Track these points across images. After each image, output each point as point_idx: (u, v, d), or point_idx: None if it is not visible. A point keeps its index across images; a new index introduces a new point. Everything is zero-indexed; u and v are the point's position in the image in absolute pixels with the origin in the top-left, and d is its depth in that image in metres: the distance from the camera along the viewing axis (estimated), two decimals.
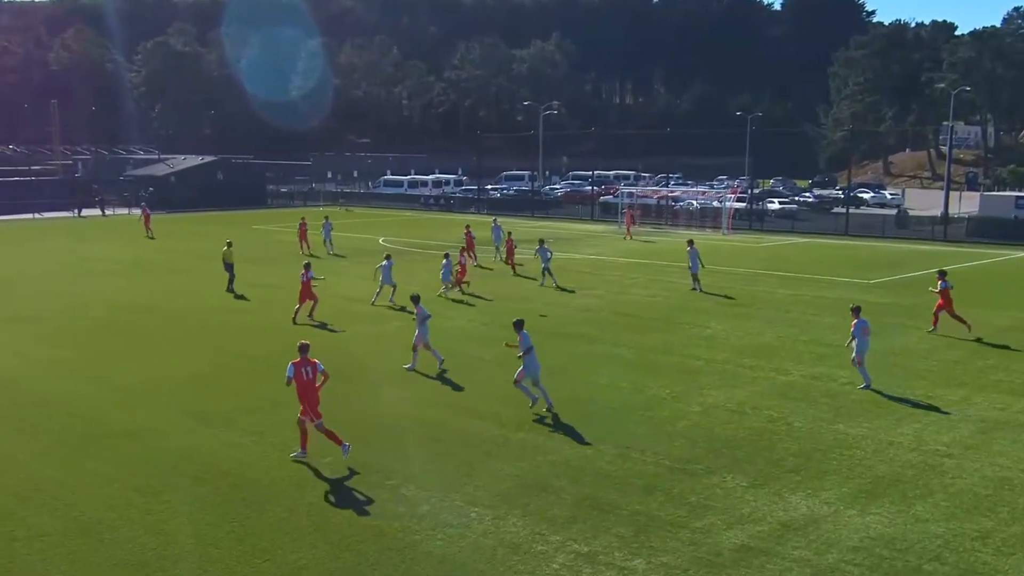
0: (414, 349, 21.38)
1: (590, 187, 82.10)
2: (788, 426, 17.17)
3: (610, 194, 78.91)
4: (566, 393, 18.91)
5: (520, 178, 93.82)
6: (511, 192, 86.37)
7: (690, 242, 33.86)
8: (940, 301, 25.04)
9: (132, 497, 13.71)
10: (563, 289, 33.32)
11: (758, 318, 28.00)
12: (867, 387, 19.58)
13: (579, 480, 14.44)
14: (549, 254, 34.63)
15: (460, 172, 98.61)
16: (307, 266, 28.00)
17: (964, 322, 24.78)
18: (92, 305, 30.23)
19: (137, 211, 71.33)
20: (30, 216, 66.54)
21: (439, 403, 18.72)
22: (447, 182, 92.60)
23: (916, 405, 18.48)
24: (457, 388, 19.86)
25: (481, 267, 38.49)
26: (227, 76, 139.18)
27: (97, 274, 37.71)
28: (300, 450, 15.39)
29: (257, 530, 12.58)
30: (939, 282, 25.19)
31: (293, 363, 15.27)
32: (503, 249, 40.09)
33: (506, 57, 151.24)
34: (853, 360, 19.96)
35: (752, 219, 62.27)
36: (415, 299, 21.77)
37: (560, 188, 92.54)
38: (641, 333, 25.73)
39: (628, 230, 54.21)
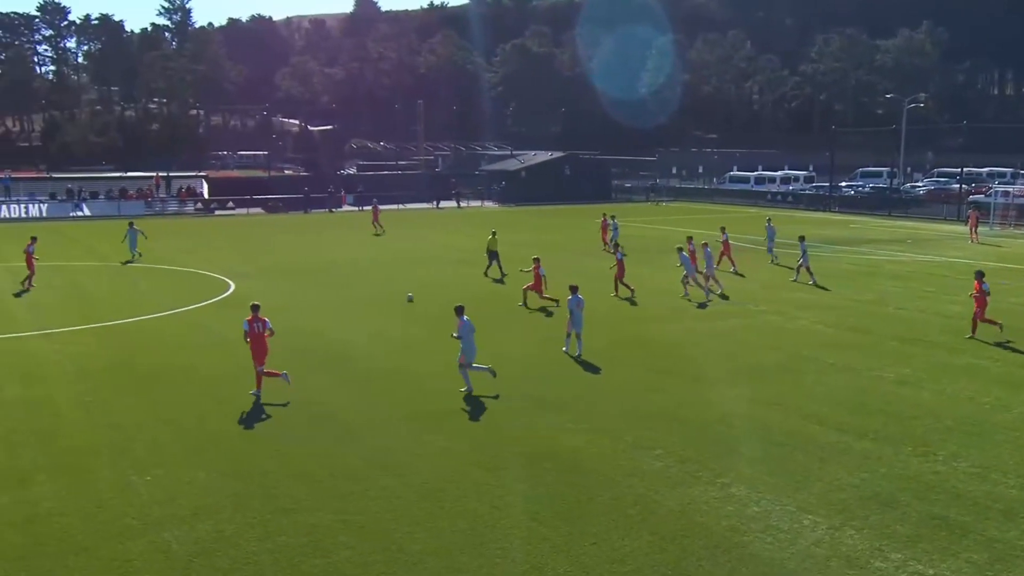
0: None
1: (957, 185, 75.60)
2: None
3: (980, 193, 72.16)
4: (912, 405, 17.55)
5: (878, 175, 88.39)
6: (866, 190, 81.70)
7: None
8: (976, 304, 23.62)
9: (471, 471, 14.55)
10: (820, 287, 31.90)
11: None
12: None
13: (926, 497, 13.34)
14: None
15: (811, 169, 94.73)
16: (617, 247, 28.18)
17: (996, 323, 23.41)
18: (445, 288, 32.45)
19: (490, 204, 76.08)
20: (395, 207, 72.79)
21: (777, 404, 18.10)
22: (796, 179, 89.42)
23: None
24: (799, 390, 19.10)
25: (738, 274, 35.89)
26: (578, 75, 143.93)
27: (450, 262, 40.37)
28: (256, 389, 18.37)
29: (585, 514, 12.86)
30: (977, 284, 23.59)
31: (247, 320, 18.60)
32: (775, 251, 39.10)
33: (868, 48, 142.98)
34: None
35: None
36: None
37: (923, 186, 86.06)
38: (1009, 345, 23.28)
39: (973, 232, 48.84)
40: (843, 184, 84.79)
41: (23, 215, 65.63)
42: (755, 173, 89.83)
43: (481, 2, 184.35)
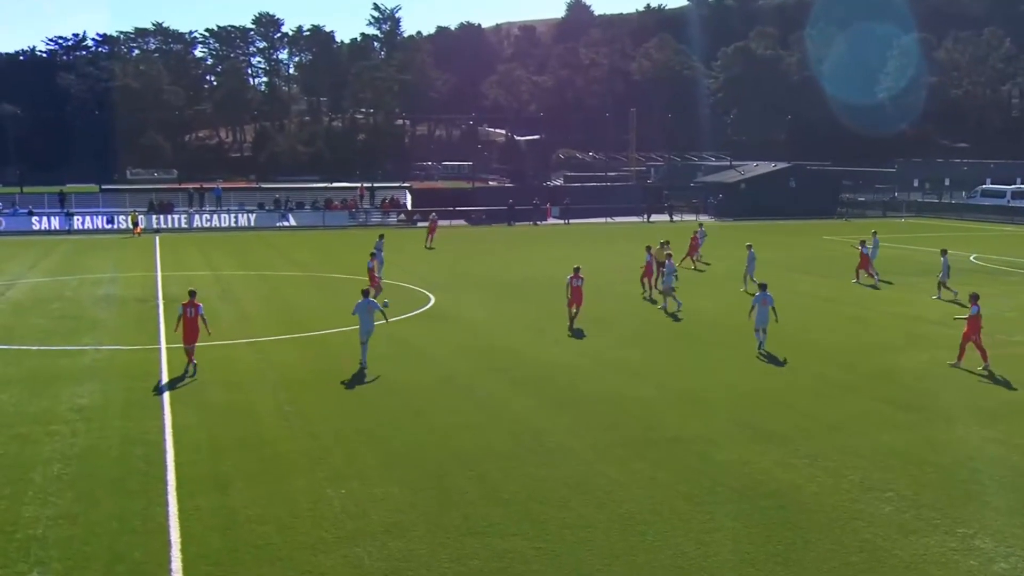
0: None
1: None
2: None
3: None
4: None
5: None
6: None
7: None
8: (967, 328, 23.01)
9: (677, 503, 14.36)
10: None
11: None
12: None
13: None
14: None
15: None
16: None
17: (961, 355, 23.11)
18: (648, 308, 32.25)
19: (706, 217, 75.03)
20: (603, 220, 73.02)
21: None
22: None
23: None
24: None
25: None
26: (807, 79, 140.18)
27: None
28: (189, 361, 22.44)
29: (801, 558, 12.42)
30: (971, 307, 23.14)
31: (182, 304, 22.81)
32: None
33: None
34: None
35: None
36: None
37: None
38: None
39: None
40: None
41: (233, 224, 70.39)
42: (1012, 187, 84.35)
43: (702, 3, 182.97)
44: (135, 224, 64.22)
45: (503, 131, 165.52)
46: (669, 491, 14.87)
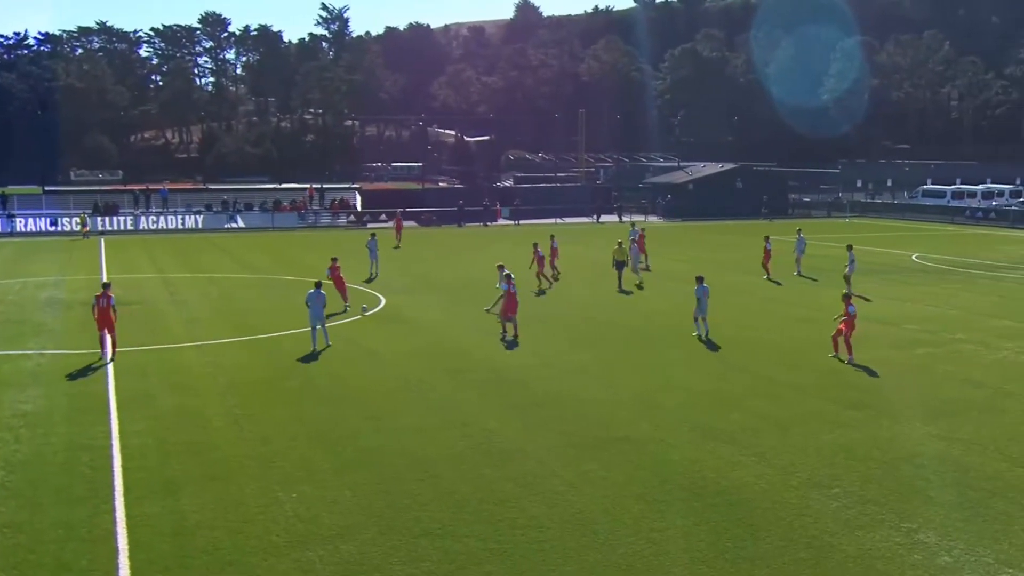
0: None
1: None
2: None
3: None
4: None
5: None
6: None
7: None
8: (842, 326, 23.85)
9: (628, 503, 14.43)
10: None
11: None
12: None
13: None
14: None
15: (1018, 182, 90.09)
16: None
17: (848, 352, 23.75)
18: (613, 310, 32.43)
19: (655, 218, 75.55)
20: (553, 221, 73.21)
21: (976, 444, 17.20)
22: (1000, 193, 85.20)
23: None
24: (1001, 430, 18.09)
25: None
26: (752, 81, 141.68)
27: (613, 278, 40.18)
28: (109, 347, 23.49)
29: (752, 555, 12.54)
30: (848, 307, 23.89)
31: (96, 295, 23.83)
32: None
33: None
34: None
35: None
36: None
37: None
38: None
39: None
40: None
41: (180, 226, 69.55)
42: (952, 187, 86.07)
43: (649, 5, 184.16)
44: (83, 225, 63.24)
45: (453, 132, 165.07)
46: (621, 491, 14.94)
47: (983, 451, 16.82)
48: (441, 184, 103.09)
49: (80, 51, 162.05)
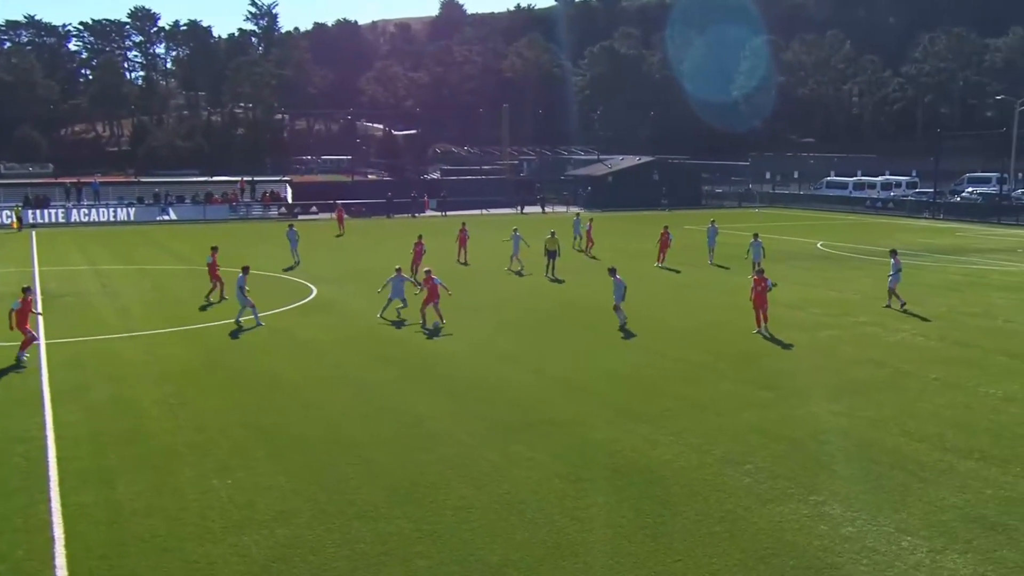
0: None
1: None
2: None
3: None
4: (1021, 423, 16.96)
5: (987, 181, 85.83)
6: (974, 196, 79.47)
7: None
8: (755, 296, 25.69)
9: (553, 482, 14.53)
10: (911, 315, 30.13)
11: None
12: None
13: None
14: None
15: (914, 174, 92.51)
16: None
17: (761, 322, 25.67)
18: (542, 298, 32.53)
19: (576, 209, 75.92)
20: (479, 212, 73.16)
21: (876, 420, 17.67)
22: (898, 184, 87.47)
23: None
24: (899, 407, 18.62)
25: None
26: (668, 78, 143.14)
27: (529, 266, 40.33)
28: (21, 351, 22.11)
29: (671, 530, 12.74)
30: (764, 281, 25.83)
31: (20, 300, 22.57)
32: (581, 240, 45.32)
33: (977, 48, 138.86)
34: None
35: None
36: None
37: None
38: None
39: None
40: (968, 190, 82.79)
41: (112, 219, 67.92)
42: (854, 179, 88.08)
43: (568, 3, 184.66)
44: (18, 219, 61.41)
45: (381, 126, 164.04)
46: (546, 471, 15.03)
47: (883, 427, 17.28)
48: (370, 176, 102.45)
49: (8, 45, 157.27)
